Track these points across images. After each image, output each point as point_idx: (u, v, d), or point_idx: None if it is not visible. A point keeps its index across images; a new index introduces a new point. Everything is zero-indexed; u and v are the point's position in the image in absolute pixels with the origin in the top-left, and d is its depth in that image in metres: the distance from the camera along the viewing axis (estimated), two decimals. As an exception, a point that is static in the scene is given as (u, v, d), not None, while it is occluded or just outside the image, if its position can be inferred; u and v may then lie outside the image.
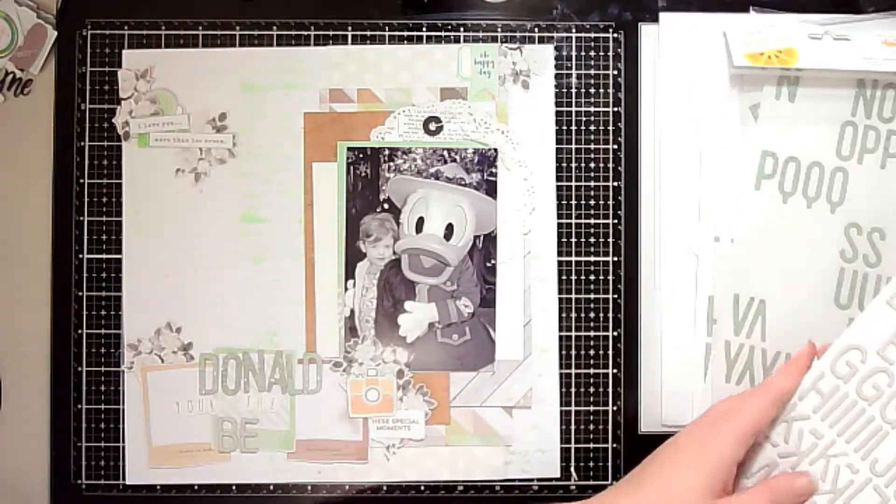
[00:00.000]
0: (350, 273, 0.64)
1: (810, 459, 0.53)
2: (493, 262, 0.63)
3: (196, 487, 0.63)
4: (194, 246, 0.64)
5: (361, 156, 0.64)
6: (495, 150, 0.64)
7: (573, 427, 0.63)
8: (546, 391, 0.63)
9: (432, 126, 0.64)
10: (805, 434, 0.54)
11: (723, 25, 0.64)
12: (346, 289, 0.63)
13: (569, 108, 0.64)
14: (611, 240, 0.64)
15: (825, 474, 0.53)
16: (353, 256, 0.64)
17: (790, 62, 0.62)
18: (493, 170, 0.64)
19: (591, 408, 0.64)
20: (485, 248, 0.64)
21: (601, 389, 0.63)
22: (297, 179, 0.64)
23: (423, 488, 0.63)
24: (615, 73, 0.64)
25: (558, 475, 0.63)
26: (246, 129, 0.64)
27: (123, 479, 0.63)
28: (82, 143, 0.64)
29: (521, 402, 0.63)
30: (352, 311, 0.63)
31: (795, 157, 0.63)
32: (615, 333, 0.64)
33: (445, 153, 0.64)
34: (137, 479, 0.63)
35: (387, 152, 0.64)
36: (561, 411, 0.63)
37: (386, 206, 0.64)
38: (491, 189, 0.64)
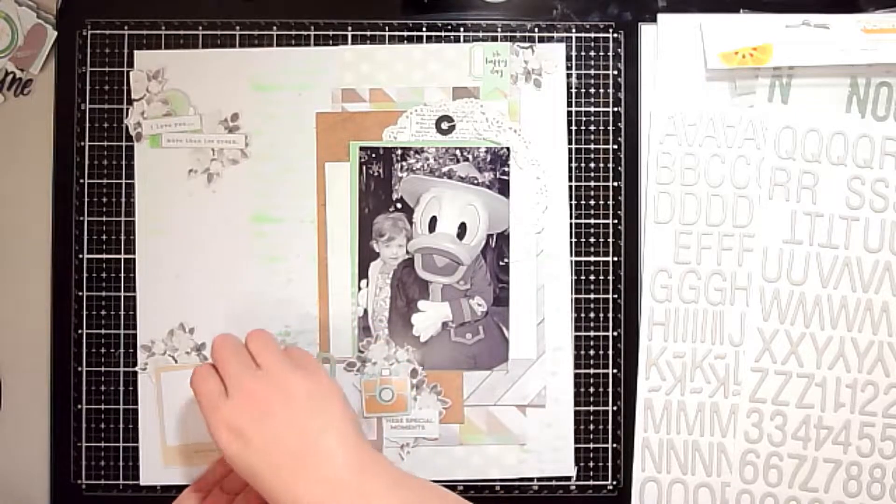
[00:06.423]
0: (363, 273, 0.63)
1: None
2: (506, 260, 0.64)
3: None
4: (207, 246, 0.63)
5: (374, 155, 0.64)
6: (507, 148, 0.64)
7: (573, 427, 0.64)
8: (560, 390, 0.63)
9: (444, 125, 0.64)
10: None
11: (711, 25, 0.64)
12: (360, 288, 0.63)
13: (569, 108, 0.64)
14: (611, 240, 0.64)
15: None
16: (366, 256, 0.63)
17: (764, 60, 0.62)
18: (506, 168, 0.64)
19: (592, 408, 0.64)
20: (498, 247, 0.64)
21: (601, 389, 0.64)
22: (309, 179, 0.63)
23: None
24: (615, 73, 0.65)
25: (573, 474, 0.63)
26: (258, 129, 0.63)
27: (123, 479, 0.63)
28: (82, 143, 0.64)
29: (534, 400, 0.63)
30: (365, 311, 0.63)
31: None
32: (615, 333, 0.64)
33: (458, 152, 0.64)
34: (152, 480, 0.63)
35: (399, 152, 0.64)
36: (563, 411, 0.64)
37: (399, 205, 0.64)
38: (503, 188, 0.64)
